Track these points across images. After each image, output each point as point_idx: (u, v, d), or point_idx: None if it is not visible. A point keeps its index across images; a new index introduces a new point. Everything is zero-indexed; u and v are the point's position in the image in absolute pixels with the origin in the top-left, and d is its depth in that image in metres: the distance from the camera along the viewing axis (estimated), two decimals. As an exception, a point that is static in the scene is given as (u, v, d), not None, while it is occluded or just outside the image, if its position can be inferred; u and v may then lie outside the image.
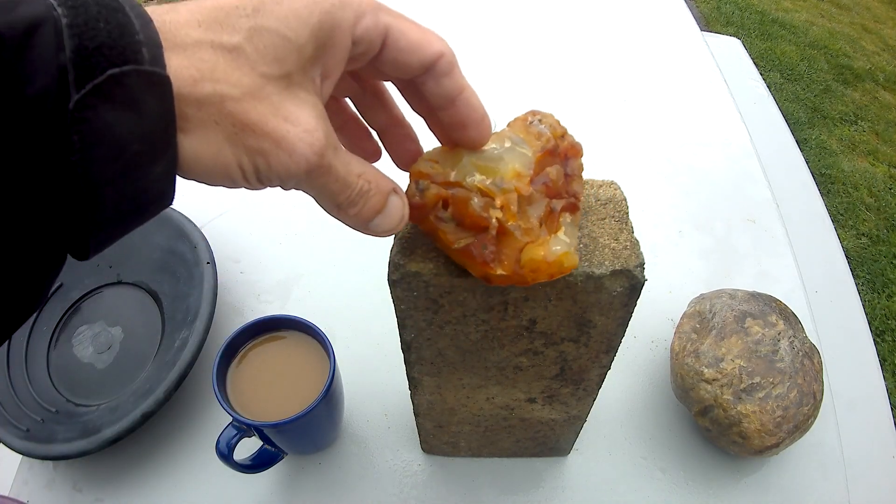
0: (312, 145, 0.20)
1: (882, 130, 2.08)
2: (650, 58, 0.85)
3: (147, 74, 0.17)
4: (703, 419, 0.45)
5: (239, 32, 0.19)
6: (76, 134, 0.16)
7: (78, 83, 0.16)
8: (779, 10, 2.65)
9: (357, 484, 0.47)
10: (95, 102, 0.16)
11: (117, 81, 0.16)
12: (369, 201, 0.22)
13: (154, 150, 0.18)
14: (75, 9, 0.17)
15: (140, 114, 0.17)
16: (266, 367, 0.42)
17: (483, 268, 0.23)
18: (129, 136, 0.17)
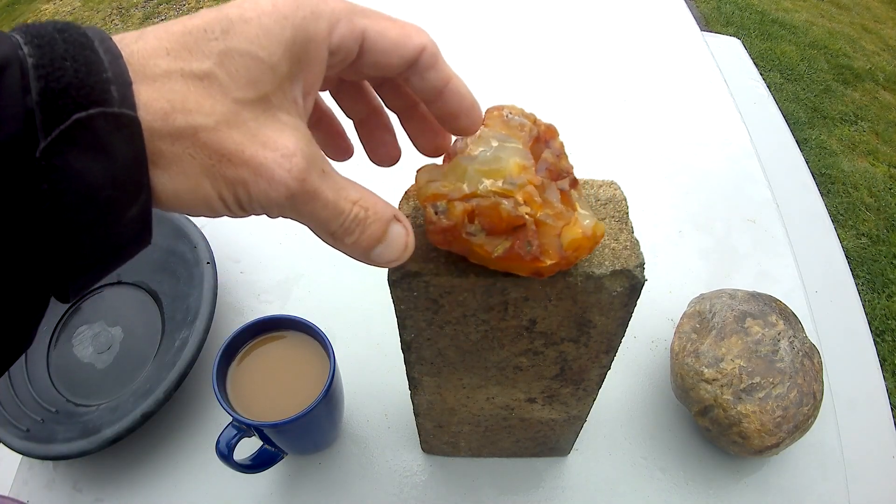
0: (291, 170, 0.19)
1: (882, 130, 2.08)
2: (650, 58, 0.85)
3: (115, 117, 0.16)
4: (703, 419, 0.45)
5: (209, 58, 0.18)
6: (46, 182, 0.16)
7: (45, 128, 0.15)
8: (779, 10, 2.65)
9: (357, 484, 0.47)
10: (63, 149, 0.16)
11: (84, 126, 0.16)
12: (367, 230, 0.21)
13: (127, 194, 0.17)
14: (41, 48, 0.16)
15: (110, 158, 0.16)
16: (266, 367, 0.42)
17: (534, 264, 0.23)
18: (101, 181, 0.16)
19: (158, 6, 2.76)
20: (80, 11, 2.78)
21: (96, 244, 0.17)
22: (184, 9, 2.73)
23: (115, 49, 0.17)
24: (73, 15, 2.76)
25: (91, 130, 0.16)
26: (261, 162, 0.18)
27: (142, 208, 0.18)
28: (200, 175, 0.18)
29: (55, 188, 0.16)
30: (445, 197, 0.23)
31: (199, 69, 0.18)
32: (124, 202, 0.17)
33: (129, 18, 2.71)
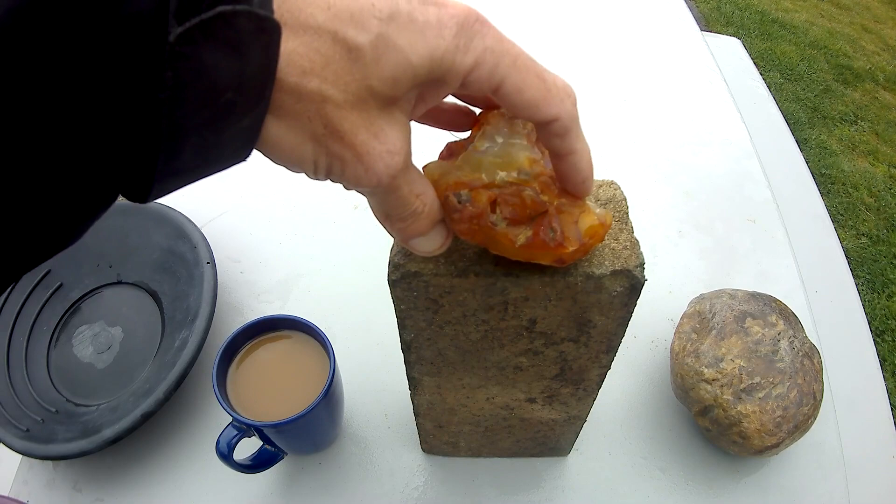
0: (390, 167, 0.20)
1: (882, 130, 2.08)
2: (650, 58, 0.85)
3: (259, 19, 0.15)
4: (703, 419, 0.45)
5: (367, 32, 0.18)
6: (171, 69, 0.14)
7: (179, 15, 0.14)
8: (779, 10, 2.65)
9: (357, 484, 0.47)
10: (198, 38, 0.14)
11: (227, 21, 0.15)
12: (418, 222, 0.22)
13: (247, 102, 0.17)
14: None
15: (242, 60, 0.16)
16: (266, 367, 0.42)
17: (558, 250, 0.23)
18: (227, 82, 0.16)
19: (158, 6, 2.76)
20: (80, 11, 2.78)
21: (200, 148, 0.17)
22: (184, 9, 2.73)
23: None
24: (73, 15, 2.75)
25: (232, 27, 0.15)
26: (367, 151, 0.19)
27: (255, 121, 0.18)
28: (308, 139, 0.19)
29: (179, 78, 0.15)
30: (468, 185, 0.23)
31: (353, 40, 0.18)
32: (241, 110, 0.17)
33: (129, 18, 2.71)
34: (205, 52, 0.15)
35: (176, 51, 0.14)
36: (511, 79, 0.20)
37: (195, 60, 0.15)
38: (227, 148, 0.18)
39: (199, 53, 0.15)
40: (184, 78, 0.15)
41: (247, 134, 0.18)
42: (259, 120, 0.18)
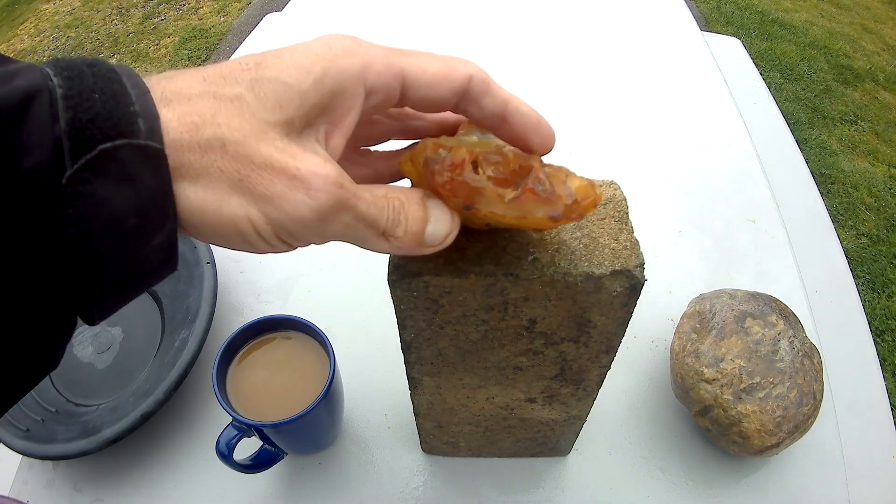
0: (328, 177, 0.19)
1: (882, 130, 2.08)
2: (650, 58, 0.85)
3: (141, 148, 0.17)
4: (703, 419, 0.45)
5: (241, 84, 0.19)
6: (71, 208, 0.16)
7: (73, 156, 0.16)
8: (779, 10, 2.65)
9: (357, 484, 0.47)
10: (89, 177, 0.16)
11: (110, 155, 0.16)
12: (410, 214, 0.21)
13: (152, 223, 0.18)
14: (71, 80, 0.17)
15: (135, 187, 0.17)
16: (266, 367, 0.42)
17: (551, 202, 0.22)
18: (125, 209, 0.17)
19: (158, 6, 2.76)
20: (80, 11, 2.78)
21: (121, 269, 0.18)
22: (184, 8, 2.74)
23: (142, 84, 0.18)
24: (72, 15, 2.76)
25: (117, 161, 0.16)
26: (294, 173, 0.18)
27: (167, 237, 0.18)
28: (228, 189, 0.18)
29: (80, 215, 0.16)
30: (446, 146, 0.22)
31: (231, 92, 0.18)
32: (150, 230, 0.18)
33: (129, 18, 2.71)
34: (97, 187, 0.16)
35: (70, 191, 0.16)
36: (410, 63, 0.21)
37: (90, 196, 0.16)
38: (149, 264, 0.18)
39: (93, 189, 0.16)
40: (84, 213, 0.16)
41: (164, 251, 0.19)
42: (171, 236, 0.18)
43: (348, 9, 0.96)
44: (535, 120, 0.23)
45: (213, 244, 0.20)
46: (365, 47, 0.20)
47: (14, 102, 0.15)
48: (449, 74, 0.21)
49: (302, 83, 0.19)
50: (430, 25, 0.91)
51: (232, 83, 0.19)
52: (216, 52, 2.44)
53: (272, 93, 0.19)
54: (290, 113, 0.19)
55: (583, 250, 0.26)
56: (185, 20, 2.66)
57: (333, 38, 0.20)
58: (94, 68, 0.17)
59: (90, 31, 2.64)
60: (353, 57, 0.20)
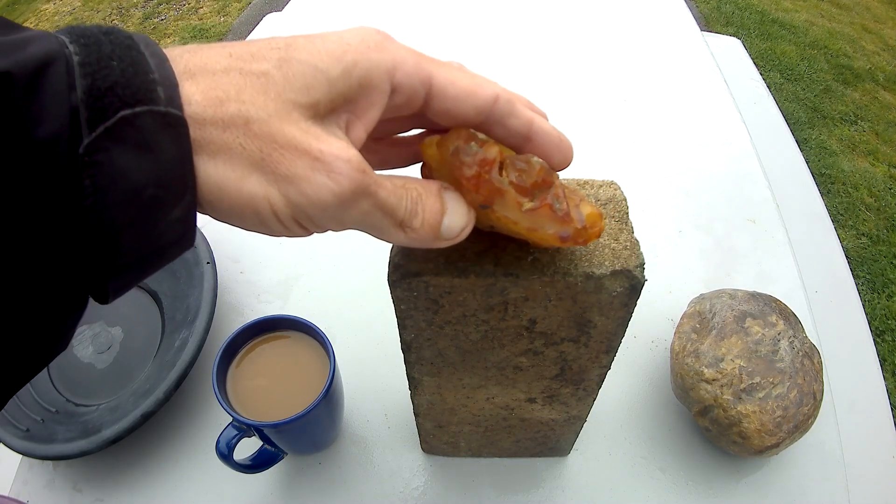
0: (350, 161, 0.18)
1: (882, 130, 2.08)
2: (650, 58, 0.85)
3: (161, 115, 0.16)
4: (703, 419, 0.45)
5: (269, 61, 0.18)
6: (88, 178, 0.15)
7: (90, 124, 0.15)
8: (779, 10, 2.65)
9: (357, 484, 0.47)
10: (107, 145, 0.16)
11: (129, 123, 0.16)
12: (427, 205, 0.21)
13: (170, 194, 0.17)
14: (87, 47, 0.16)
15: (155, 157, 0.16)
16: (266, 367, 0.42)
17: (564, 222, 0.22)
18: (144, 179, 0.16)
19: (158, 6, 2.76)
20: (80, 11, 2.79)
21: (138, 244, 0.17)
22: (184, 8, 2.74)
23: (161, 53, 0.17)
24: (72, 15, 2.76)
25: (136, 128, 0.16)
26: (317, 155, 0.18)
27: (185, 210, 0.18)
28: (249, 167, 0.18)
29: (98, 185, 0.16)
30: (479, 140, 0.21)
31: (257, 68, 0.18)
32: (168, 203, 0.17)
33: (129, 18, 2.71)
34: (116, 155, 0.16)
35: (87, 160, 0.15)
36: (439, 73, 0.20)
37: (108, 165, 0.16)
38: (166, 238, 0.18)
39: (111, 158, 0.16)
40: (101, 183, 0.16)
41: (181, 225, 0.18)
42: (190, 210, 0.18)
43: (348, 9, 0.96)
44: (558, 138, 0.23)
45: (228, 223, 0.19)
46: (397, 46, 0.20)
47: (29, 69, 0.15)
48: (476, 92, 0.21)
49: (332, 69, 0.19)
50: (430, 25, 0.91)
51: (260, 60, 0.18)
52: (216, 52, 2.44)
53: (301, 74, 0.18)
54: (317, 97, 0.19)
55: (583, 250, 0.26)
56: (185, 20, 2.66)
57: (367, 31, 0.20)
58: (110, 36, 0.17)
59: (90, 31, 2.64)
60: (384, 53, 0.19)
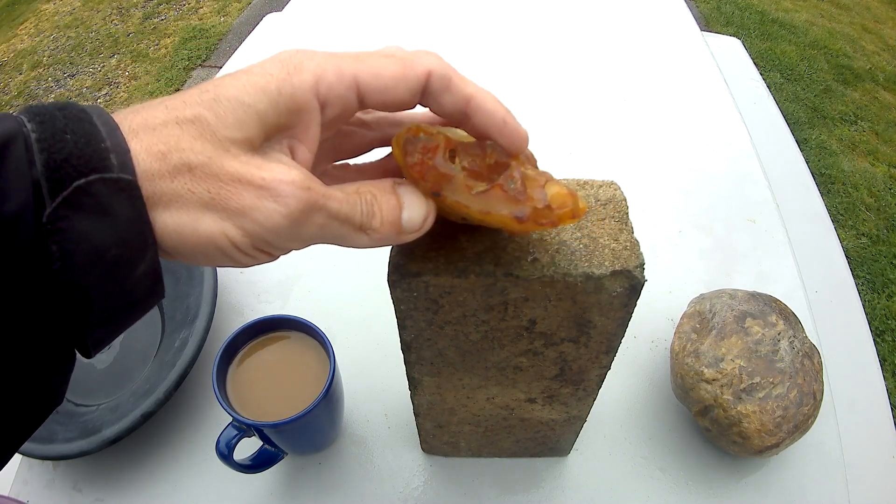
0: (294, 182, 0.19)
1: (882, 130, 2.08)
2: (650, 58, 0.85)
3: (113, 181, 0.17)
4: (703, 419, 0.45)
5: (200, 105, 0.19)
6: (54, 244, 0.17)
7: (51, 195, 0.17)
8: (779, 10, 2.65)
9: (357, 484, 0.47)
10: (67, 213, 0.17)
11: (85, 191, 0.17)
12: (383, 204, 0.21)
13: (133, 252, 0.18)
14: (43, 123, 0.17)
15: (112, 219, 0.17)
16: (266, 367, 0.42)
17: (518, 202, 0.21)
18: (106, 241, 0.17)
19: (158, 6, 2.76)
20: (80, 11, 2.78)
21: (109, 300, 0.18)
22: (184, 8, 2.74)
23: (111, 121, 0.18)
24: (73, 15, 2.76)
25: (91, 195, 0.17)
26: (260, 183, 0.19)
27: (149, 265, 0.19)
28: (201, 209, 0.19)
29: (64, 250, 0.17)
30: (428, 131, 0.22)
31: (191, 114, 0.19)
32: (131, 260, 0.18)
33: (129, 18, 2.71)
34: (76, 222, 0.17)
35: (50, 228, 0.17)
36: (362, 70, 0.21)
37: (70, 231, 0.17)
38: (136, 293, 0.19)
39: (72, 225, 0.17)
40: (66, 248, 0.17)
41: (148, 278, 0.19)
42: (154, 264, 0.19)
43: (348, 9, 0.96)
44: (501, 119, 0.22)
45: (198, 264, 0.21)
46: (316, 60, 0.20)
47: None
48: (405, 74, 0.21)
49: (259, 102, 0.19)
50: (430, 25, 0.91)
51: (192, 105, 0.19)
52: (216, 52, 2.44)
53: (231, 111, 0.19)
54: (250, 131, 0.19)
55: (583, 250, 0.26)
56: (185, 20, 2.66)
57: (286, 54, 0.20)
58: (64, 111, 0.18)
59: (90, 31, 2.64)
60: (304, 73, 0.20)
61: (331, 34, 0.92)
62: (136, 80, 2.35)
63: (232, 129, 0.19)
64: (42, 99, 2.29)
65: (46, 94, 2.32)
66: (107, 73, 2.40)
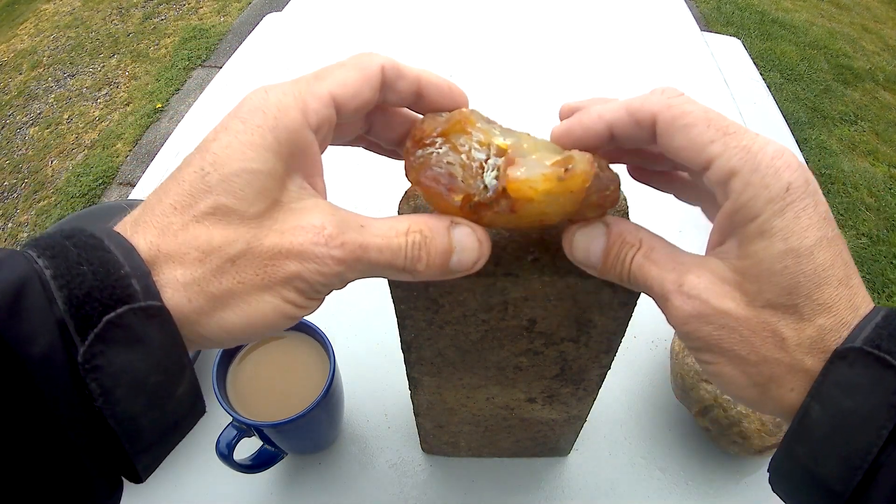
0: (328, 241, 0.19)
1: (882, 130, 2.08)
2: (650, 58, 0.85)
3: (143, 310, 0.17)
4: (703, 419, 0.45)
5: (212, 192, 0.19)
6: (93, 382, 0.16)
7: (79, 332, 0.16)
8: (779, 10, 2.65)
9: (357, 484, 0.47)
10: (102, 349, 0.16)
11: (115, 325, 0.17)
12: (432, 248, 0.21)
13: (172, 375, 0.18)
14: (55, 258, 0.17)
15: (147, 347, 0.17)
16: (266, 367, 0.42)
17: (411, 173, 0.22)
18: (144, 370, 0.17)
19: (158, 6, 2.76)
20: (80, 11, 2.78)
21: (153, 426, 0.18)
22: (184, 8, 2.74)
23: (125, 243, 0.18)
24: (72, 15, 2.76)
25: (123, 327, 0.17)
26: (299, 250, 0.19)
27: (189, 384, 0.19)
28: (258, 292, 0.19)
29: (103, 386, 0.17)
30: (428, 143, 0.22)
31: (207, 206, 0.19)
32: (171, 383, 0.18)
33: (129, 18, 2.71)
34: (112, 357, 0.17)
35: (87, 367, 0.16)
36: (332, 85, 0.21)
37: (107, 367, 0.17)
38: (178, 413, 0.19)
39: (109, 360, 0.17)
40: (106, 384, 0.17)
41: (189, 397, 0.19)
42: (193, 381, 0.19)
43: (348, 9, 0.96)
44: (447, 87, 0.23)
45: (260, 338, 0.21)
46: (291, 93, 0.20)
47: (7, 297, 0.16)
48: (366, 76, 0.21)
49: (266, 162, 0.19)
50: (429, 25, 0.91)
51: (200, 194, 0.19)
52: (216, 51, 2.44)
53: (246, 185, 0.19)
54: (271, 194, 0.19)
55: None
56: (185, 20, 2.66)
57: (257, 100, 0.20)
58: (73, 239, 0.17)
59: (90, 31, 2.64)
60: (290, 111, 0.20)
61: (331, 34, 0.92)
62: (136, 80, 2.35)
63: (255, 203, 0.19)
64: (42, 99, 2.29)
65: (46, 94, 2.32)
66: (107, 73, 2.40)
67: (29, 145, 2.12)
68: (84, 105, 2.26)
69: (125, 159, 2.01)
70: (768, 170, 0.19)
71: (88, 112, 2.23)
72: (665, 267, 0.21)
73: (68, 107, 2.26)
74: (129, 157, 2.02)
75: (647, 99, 0.21)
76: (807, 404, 0.18)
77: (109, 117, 2.19)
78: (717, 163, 0.19)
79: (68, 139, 2.12)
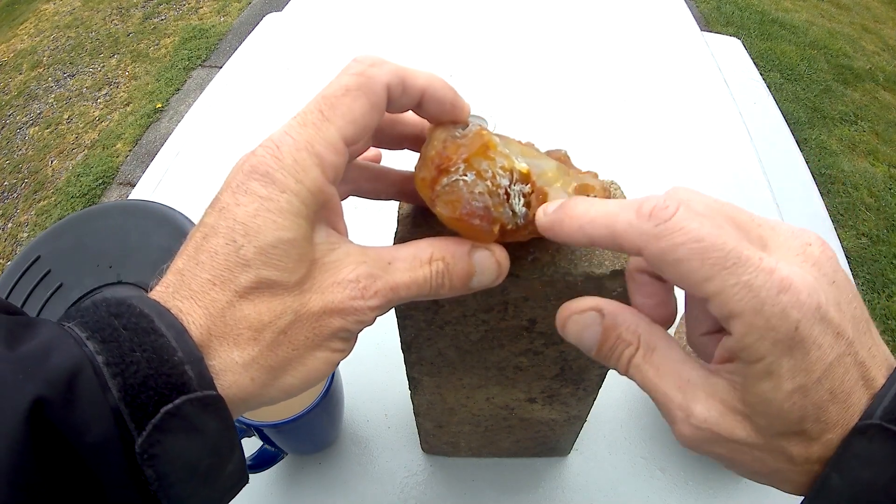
0: (363, 293, 0.20)
1: (882, 130, 2.08)
2: (650, 58, 0.85)
3: (199, 400, 0.17)
4: (703, 419, 0.45)
5: (251, 266, 0.19)
6: (149, 468, 0.17)
7: (135, 421, 0.17)
8: (779, 10, 2.65)
9: (357, 484, 0.47)
10: (159, 438, 0.17)
11: (173, 415, 0.17)
12: (454, 273, 0.22)
13: (223, 457, 0.19)
14: (107, 343, 0.17)
15: (203, 434, 0.18)
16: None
17: None
18: (199, 455, 0.18)
19: (158, 6, 2.76)
20: (80, 11, 2.78)
21: (203, 502, 0.19)
22: (184, 8, 2.74)
23: (176, 324, 0.18)
24: (72, 15, 2.76)
25: (181, 417, 0.17)
26: (340, 307, 0.20)
27: (237, 461, 0.20)
28: (311, 352, 0.20)
29: (159, 472, 0.17)
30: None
31: (249, 281, 0.19)
32: (223, 463, 0.19)
33: (129, 18, 2.71)
34: (169, 445, 0.17)
35: (146, 456, 0.17)
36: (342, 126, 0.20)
37: (165, 455, 0.17)
38: (225, 487, 0.20)
39: (165, 449, 0.17)
40: (162, 470, 0.17)
41: (237, 473, 0.20)
42: (240, 457, 0.20)
43: (348, 9, 0.96)
44: (450, 103, 0.22)
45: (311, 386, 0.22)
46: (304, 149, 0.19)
47: (60, 389, 0.16)
48: (374, 103, 0.21)
49: (298, 228, 0.19)
50: (429, 25, 0.91)
51: (241, 269, 0.19)
52: (216, 51, 2.45)
53: (285, 255, 0.19)
54: (308, 257, 0.20)
55: (583, 250, 0.26)
56: (185, 20, 2.66)
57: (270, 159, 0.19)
58: (122, 319, 0.17)
59: (90, 31, 2.64)
60: (310, 171, 0.19)
61: (331, 34, 0.92)
62: (136, 79, 2.35)
63: (295, 271, 0.19)
64: (42, 99, 2.29)
65: (46, 93, 2.32)
66: (107, 73, 2.40)
67: (29, 145, 2.12)
68: (84, 105, 2.26)
69: (125, 159, 2.01)
70: (773, 309, 0.17)
71: (88, 112, 2.23)
72: (667, 380, 0.20)
73: (68, 107, 2.26)
74: (129, 157, 2.02)
75: (631, 225, 0.20)
76: (826, 474, 0.18)
77: (109, 117, 2.19)
78: (714, 301, 0.18)
79: (68, 139, 2.12)
